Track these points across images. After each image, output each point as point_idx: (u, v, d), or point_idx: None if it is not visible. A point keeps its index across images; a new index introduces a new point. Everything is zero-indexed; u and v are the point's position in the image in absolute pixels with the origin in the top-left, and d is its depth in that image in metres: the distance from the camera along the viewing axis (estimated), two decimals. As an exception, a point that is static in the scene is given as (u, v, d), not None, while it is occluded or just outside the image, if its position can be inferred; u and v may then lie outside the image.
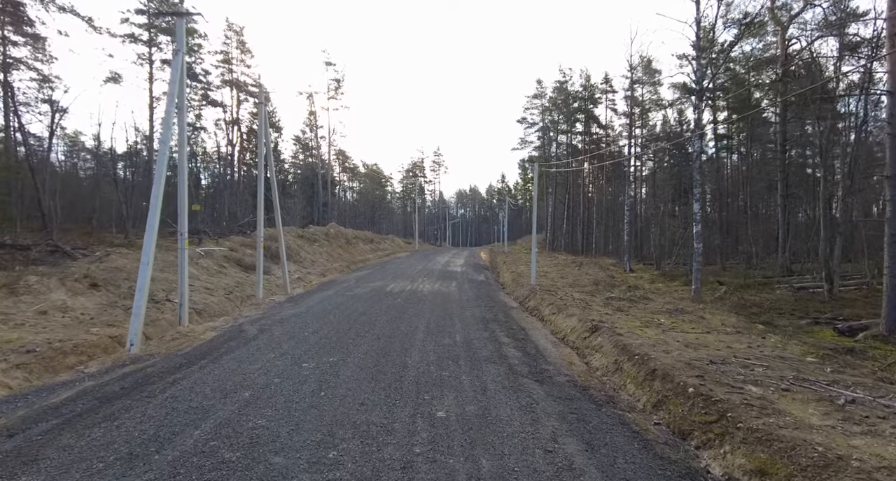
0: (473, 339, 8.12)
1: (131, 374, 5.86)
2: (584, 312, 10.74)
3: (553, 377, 6.15)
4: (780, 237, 19.01)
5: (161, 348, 7.43)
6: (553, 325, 10.22)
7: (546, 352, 7.56)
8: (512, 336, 8.60)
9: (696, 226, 14.95)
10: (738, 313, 14.01)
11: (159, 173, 7.52)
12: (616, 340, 7.88)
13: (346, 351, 7.12)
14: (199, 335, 8.38)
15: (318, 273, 20.90)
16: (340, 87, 46.10)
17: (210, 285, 13.95)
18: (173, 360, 6.59)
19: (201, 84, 33.31)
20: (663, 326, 9.94)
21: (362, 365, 6.35)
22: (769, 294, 16.33)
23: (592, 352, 8.20)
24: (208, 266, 16.11)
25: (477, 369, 6.27)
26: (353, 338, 8.05)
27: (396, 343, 7.70)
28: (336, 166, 61.75)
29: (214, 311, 11.88)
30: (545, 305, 12.33)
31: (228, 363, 6.44)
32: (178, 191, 8.46)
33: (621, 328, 9.01)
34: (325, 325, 9.15)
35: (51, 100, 21.25)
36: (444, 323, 9.63)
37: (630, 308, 12.43)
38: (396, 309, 11.27)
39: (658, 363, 6.38)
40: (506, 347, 7.66)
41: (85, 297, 9.92)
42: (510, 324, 9.93)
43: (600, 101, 43.09)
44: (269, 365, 6.34)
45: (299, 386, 5.42)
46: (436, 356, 6.90)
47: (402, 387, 5.40)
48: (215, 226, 25.54)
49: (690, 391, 5.37)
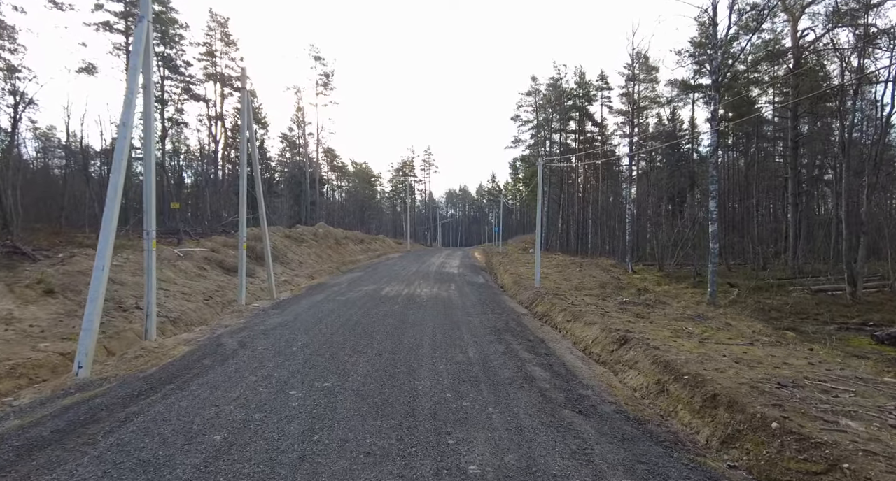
0: (489, 354, 7.02)
1: (73, 408, 4.66)
2: (605, 320, 9.72)
3: (597, 406, 5.08)
4: (791, 237, 18.23)
5: (119, 369, 6.20)
6: (572, 335, 9.16)
7: (577, 371, 6.50)
8: (532, 349, 7.52)
9: (712, 224, 14.04)
10: (758, 318, 13.16)
11: (119, 160, 6.30)
12: (654, 355, 6.85)
13: (342, 372, 5.97)
14: (169, 351, 7.16)
15: (307, 275, 19.65)
16: (329, 83, 44.76)
17: (188, 290, 12.68)
18: (132, 386, 5.39)
19: (182, 77, 31.74)
20: (694, 335, 8.96)
21: (363, 392, 5.21)
22: (785, 296, 15.52)
23: (625, 368, 7.16)
24: (187, 268, 14.81)
25: (504, 397, 5.17)
26: (349, 353, 6.90)
27: (401, 360, 6.57)
28: (325, 165, 60.29)
29: (191, 320, 10.64)
30: (557, 311, 11.30)
31: (199, 390, 5.26)
32: (144, 183, 7.24)
33: (653, 339, 8.00)
34: (316, 337, 7.99)
35: (14, 89, 19.69)
36: (452, 333, 8.52)
37: (649, 314, 11.45)
38: (395, 316, 10.13)
39: (717, 385, 5.35)
40: (529, 365, 6.58)
41: (37, 306, 8.62)
42: (525, 334, 8.85)
43: (595, 99, 42.35)
44: (249, 392, 5.17)
45: (286, 424, 4.27)
46: (450, 378, 5.79)
47: (416, 426, 4.28)
48: (197, 226, 24.12)
49: (774, 426, 4.32)
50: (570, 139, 46.11)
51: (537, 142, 48.90)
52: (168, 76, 30.29)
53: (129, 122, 6.42)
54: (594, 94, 42.34)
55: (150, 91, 7.14)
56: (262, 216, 12.60)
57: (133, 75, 6.50)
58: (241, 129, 11.19)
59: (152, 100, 7.16)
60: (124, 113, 6.41)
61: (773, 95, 31.56)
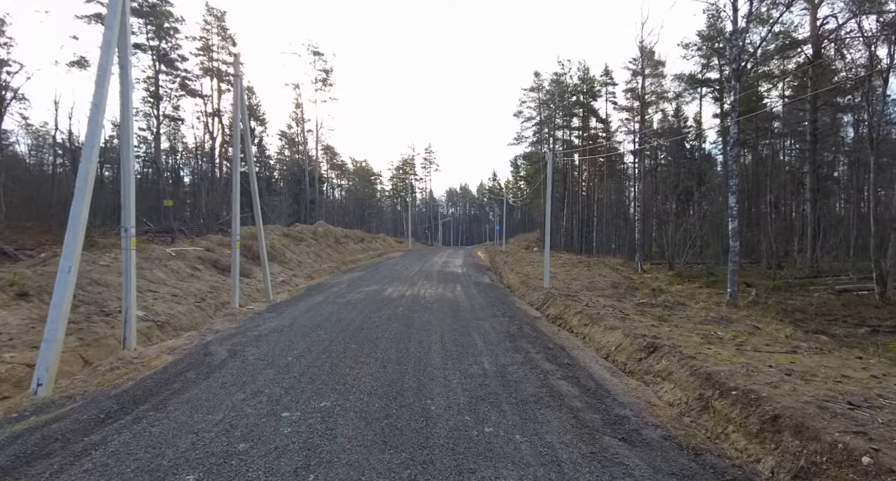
0: (507, 365, 6.28)
1: (22, 437, 3.92)
2: (626, 324, 8.98)
3: (641, 430, 4.34)
4: (810, 234, 17.48)
5: (89, 384, 5.47)
6: (593, 341, 8.43)
7: (608, 385, 5.76)
8: (553, 359, 6.78)
9: (732, 221, 13.29)
10: (783, 320, 12.43)
11: (90, 146, 5.56)
12: (691, 365, 6.11)
13: (342, 387, 5.23)
14: (150, 361, 6.43)
15: (306, 275, 18.92)
16: (328, 79, 43.93)
17: (179, 291, 11.95)
18: (99, 406, 4.66)
19: (178, 72, 30.94)
20: (725, 341, 8.21)
21: (367, 414, 4.47)
22: (807, 297, 14.79)
23: (657, 380, 6.43)
24: (179, 268, 14.08)
25: (531, 419, 4.44)
26: (350, 364, 6.17)
27: (408, 372, 5.83)
28: (324, 163, 59.52)
29: (181, 324, 9.92)
30: (571, 314, 10.56)
31: (177, 411, 4.52)
32: (122, 175, 6.50)
33: (684, 346, 7.26)
34: (314, 345, 7.25)
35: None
36: (463, 340, 7.78)
37: (670, 316, 10.71)
38: (399, 320, 9.40)
39: (776, 404, 4.60)
40: (553, 378, 5.84)
41: (8, 311, 7.88)
42: (542, 340, 8.11)
43: (600, 95, 41.55)
44: (234, 414, 4.44)
45: (276, 459, 3.54)
46: (466, 395, 5.05)
47: (432, 461, 3.54)
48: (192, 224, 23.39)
49: (866, 461, 3.59)
50: (573, 136, 45.31)
51: (540, 139, 48.11)
52: (163, 70, 29.50)
53: (101, 104, 5.68)
54: (598, 89, 41.56)
55: (128, 71, 6.39)
56: (256, 213, 11.86)
57: (107, 51, 5.76)
58: (233, 120, 10.45)
59: (130, 80, 6.41)
60: (96, 93, 5.67)
61: (784, 90, 30.81)
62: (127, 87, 6.32)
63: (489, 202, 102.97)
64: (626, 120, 41.08)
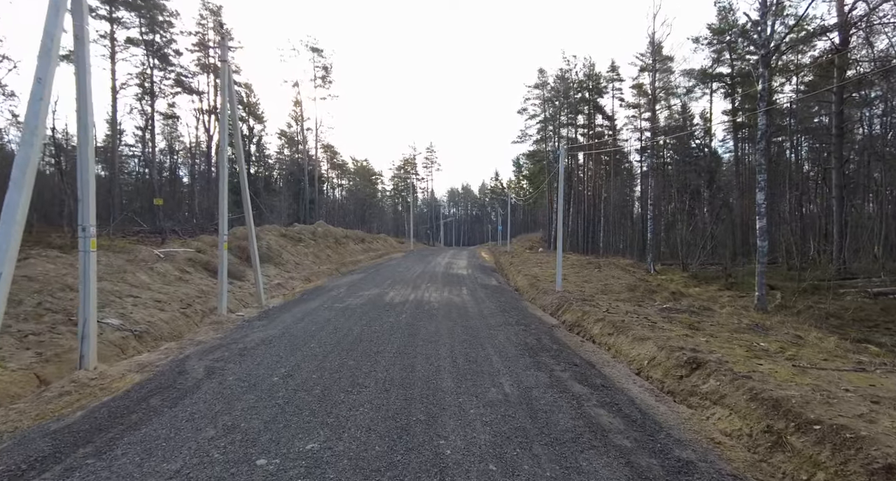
0: (532, 389, 5.32)
1: None
2: (656, 333, 8.01)
3: (718, 485, 3.37)
4: (836, 234, 16.48)
5: (28, 415, 4.51)
6: (620, 354, 7.47)
7: (655, 414, 4.79)
8: (583, 379, 5.81)
9: (760, 220, 12.32)
10: (819, 327, 11.45)
11: (30, 128, 4.61)
12: (748, 388, 5.15)
13: (334, 421, 4.28)
14: (111, 383, 5.48)
15: (303, 277, 17.97)
16: (328, 76, 42.99)
17: (163, 296, 11.00)
18: (26, 450, 3.71)
19: (172, 67, 30.03)
20: (773, 354, 7.25)
21: (364, 463, 3.51)
22: (839, 301, 13.81)
23: (707, 403, 5.46)
24: (166, 271, 13.15)
25: (574, 468, 3.47)
26: (345, 387, 5.21)
27: (415, 399, 4.88)
28: (324, 162, 58.62)
29: (162, 333, 8.99)
30: (592, 321, 9.60)
31: (124, 458, 3.57)
32: (79, 166, 5.55)
33: (731, 361, 6.30)
34: (306, 361, 6.30)
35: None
36: (475, 354, 6.82)
37: (700, 324, 9.75)
38: (403, 330, 8.44)
39: (887, 450, 3.65)
40: (589, 405, 4.87)
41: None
42: (565, 353, 7.14)
43: (606, 91, 40.56)
44: (197, 461, 3.49)
45: (237, 541, 2.58)
46: (488, 432, 4.09)
47: (453, 543, 2.59)
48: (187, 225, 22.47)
49: None
50: (578, 133, 44.32)
51: (544, 137, 47.11)
52: (157, 65, 28.58)
53: (47, 79, 4.73)
54: (605, 85, 40.56)
55: (85, 42, 5.43)
56: (247, 211, 10.91)
57: (54, 13, 4.80)
58: (221, 108, 9.51)
59: (87, 54, 5.44)
60: (40, 66, 4.72)
61: (798, 84, 29.83)
62: (83, 61, 5.36)
63: (491, 202, 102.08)
64: (633, 117, 40.15)
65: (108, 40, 25.08)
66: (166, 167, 40.74)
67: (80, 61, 5.34)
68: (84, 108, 5.28)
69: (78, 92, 5.34)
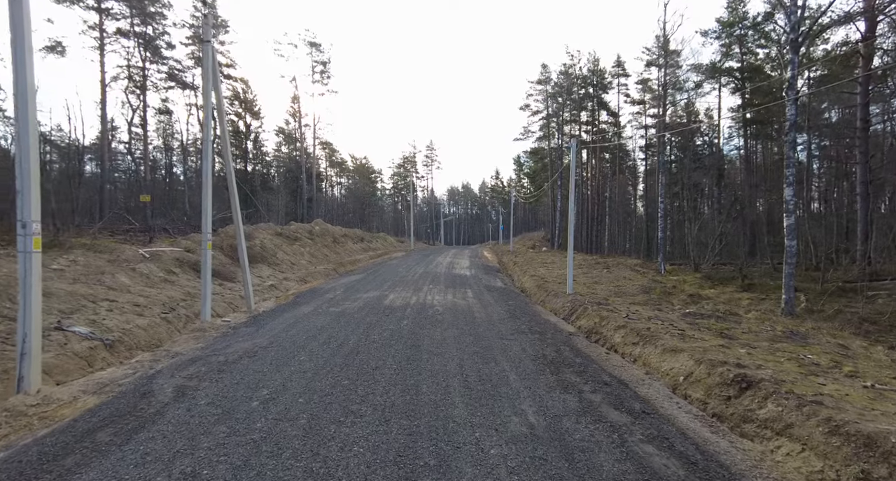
0: (560, 417, 4.43)
1: None
2: (689, 344, 7.13)
3: None
4: (860, 232, 15.61)
5: (-60, 458, 3.61)
6: (650, 366, 6.58)
7: (716, 452, 3.90)
8: (618, 403, 4.92)
9: (787, 217, 11.42)
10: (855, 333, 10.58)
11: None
12: (825, 418, 4.25)
13: (321, 468, 3.38)
14: (57, 410, 4.59)
15: (299, 278, 17.08)
16: (326, 71, 42.00)
17: (144, 300, 10.11)
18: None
19: (165, 60, 29.06)
20: (827, 370, 6.35)
21: (358, 535, 2.62)
22: (870, 304, 12.93)
23: (767, 433, 4.58)
24: (150, 272, 12.28)
25: (641, 548, 2.59)
26: (337, 417, 4.32)
27: (422, 433, 3.98)
28: (323, 160, 57.68)
29: (138, 342, 8.10)
30: (612, 329, 8.70)
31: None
32: (18, 153, 4.65)
33: (789, 380, 5.41)
34: (293, 380, 5.41)
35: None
36: (489, 371, 5.92)
37: (731, 331, 8.84)
38: (405, 339, 7.54)
39: None
40: (633, 440, 3.98)
41: None
42: (592, 369, 6.25)
43: (611, 87, 39.63)
44: (130, 536, 2.59)
45: None
46: (516, 483, 3.20)
47: None
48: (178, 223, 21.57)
49: None
50: (582, 130, 43.39)
51: (547, 134, 46.16)
52: (149, 58, 27.57)
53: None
54: (609, 81, 39.65)
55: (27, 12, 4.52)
56: (234, 207, 10.00)
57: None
58: (204, 92, 8.61)
59: (27, 14, 4.53)
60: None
61: (809, 78, 28.95)
62: (20, 13, 4.44)
63: (491, 200, 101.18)
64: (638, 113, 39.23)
65: (98, 31, 24.14)
66: (162, 164, 39.82)
67: (15, 13, 4.43)
68: (22, 76, 4.37)
69: (14, 61, 4.43)
